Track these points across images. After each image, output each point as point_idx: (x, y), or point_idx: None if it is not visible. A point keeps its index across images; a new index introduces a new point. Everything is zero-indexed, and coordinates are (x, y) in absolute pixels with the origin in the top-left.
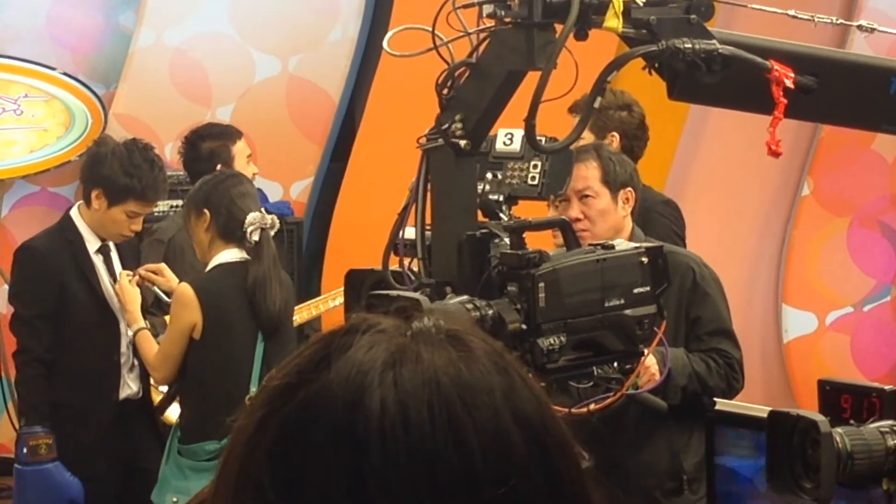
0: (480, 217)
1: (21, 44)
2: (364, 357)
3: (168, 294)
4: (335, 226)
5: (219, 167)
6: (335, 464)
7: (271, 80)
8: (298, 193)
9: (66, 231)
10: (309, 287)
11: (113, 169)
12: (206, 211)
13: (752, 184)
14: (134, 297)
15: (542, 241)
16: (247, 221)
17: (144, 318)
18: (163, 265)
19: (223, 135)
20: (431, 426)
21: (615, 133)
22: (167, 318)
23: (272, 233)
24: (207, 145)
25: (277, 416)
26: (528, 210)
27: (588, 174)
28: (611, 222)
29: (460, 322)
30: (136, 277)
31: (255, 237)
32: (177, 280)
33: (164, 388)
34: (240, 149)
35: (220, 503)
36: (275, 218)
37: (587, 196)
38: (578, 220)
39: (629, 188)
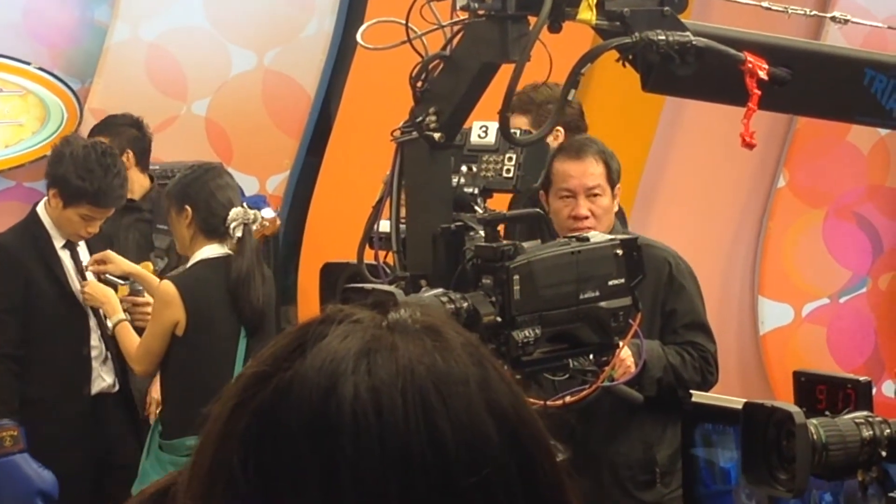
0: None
1: None
2: (339, 346)
3: (122, 278)
4: (311, 220)
5: None
6: (308, 450)
7: (247, 74)
8: (274, 187)
9: (32, 227)
10: (286, 281)
11: (68, 170)
12: (186, 207)
13: (727, 176)
14: (104, 292)
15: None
16: (229, 218)
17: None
18: (108, 252)
19: None
20: (404, 414)
21: (559, 128)
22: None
23: (254, 227)
24: None
25: (251, 403)
26: (502, 203)
27: (597, 171)
28: (611, 219)
29: (436, 314)
30: (91, 271)
31: (238, 233)
32: (125, 262)
33: None
34: None
35: (194, 490)
36: (257, 213)
37: (596, 194)
38: (586, 217)
39: (619, 183)
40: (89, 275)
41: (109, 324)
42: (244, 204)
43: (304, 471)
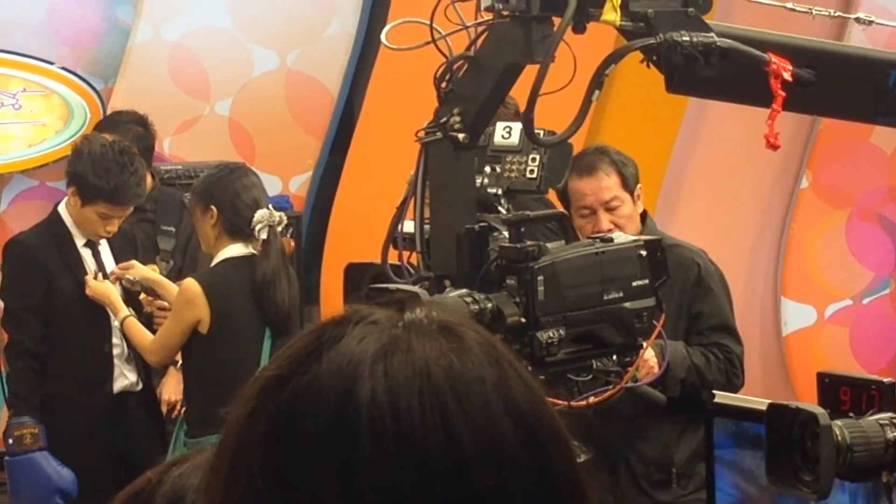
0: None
1: (20, 38)
2: (355, 348)
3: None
4: (334, 220)
5: None
6: (325, 454)
7: (270, 74)
8: (297, 187)
9: (54, 225)
10: (309, 280)
11: (85, 169)
12: (212, 207)
13: (750, 177)
14: (108, 291)
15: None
16: (255, 219)
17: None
18: (133, 262)
19: None
20: (421, 416)
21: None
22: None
23: (279, 228)
24: None
25: (268, 406)
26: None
27: (611, 183)
28: (636, 223)
29: (453, 313)
30: (112, 277)
31: (264, 235)
32: (147, 270)
33: None
34: None
35: (212, 494)
36: (282, 214)
37: (614, 206)
38: (609, 230)
39: (638, 184)
40: (90, 280)
41: (115, 322)
42: (270, 205)
43: (323, 474)
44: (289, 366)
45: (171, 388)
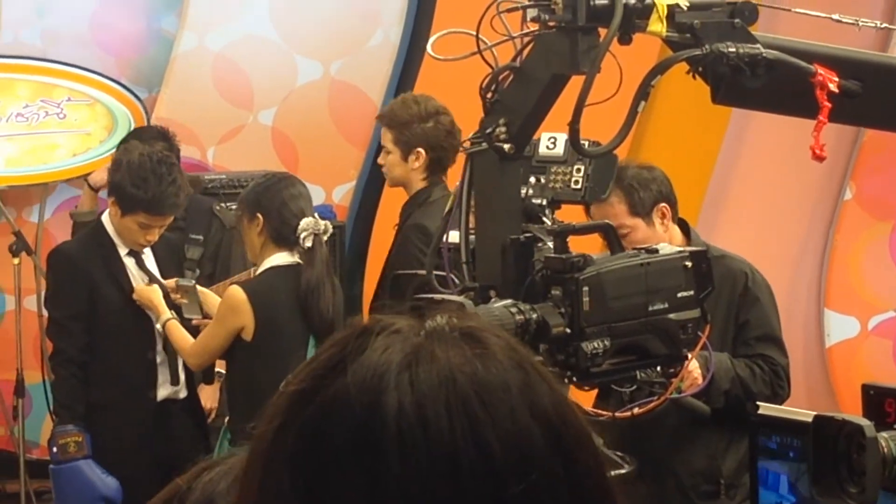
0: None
1: (64, 48)
2: (379, 359)
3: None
4: (377, 229)
5: None
6: (354, 468)
7: (313, 84)
8: (341, 197)
9: (97, 235)
10: (352, 290)
11: (124, 179)
12: (258, 215)
13: (794, 188)
14: (153, 294)
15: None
16: (300, 227)
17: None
18: (198, 287)
19: None
20: (450, 426)
21: (420, 148)
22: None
23: (325, 238)
24: None
25: (295, 422)
26: (569, 214)
27: (615, 211)
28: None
29: (474, 317)
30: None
31: (308, 243)
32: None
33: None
34: None
35: None
36: (328, 223)
37: (623, 234)
38: None
39: (661, 203)
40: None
41: (158, 325)
42: (315, 214)
43: (353, 487)
44: (313, 379)
45: (207, 395)
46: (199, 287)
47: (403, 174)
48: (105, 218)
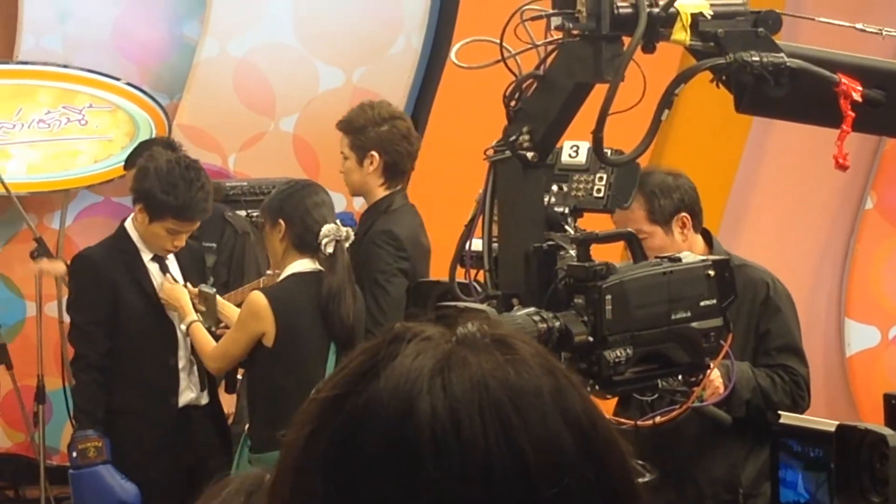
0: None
1: (86, 54)
2: (412, 365)
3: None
4: None
5: None
6: (389, 473)
7: (335, 91)
8: (362, 204)
9: (121, 241)
10: None
11: (153, 185)
12: (280, 221)
13: (814, 197)
14: (180, 294)
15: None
16: (321, 233)
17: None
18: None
19: None
20: (483, 431)
21: (374, 152)
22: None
23: (346, 244)
24: None
25: (328, 428)
26: (592, 223)
27: (635, 216)
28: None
29: (503, 325)
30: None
31: (330, 249)
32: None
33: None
34: None
35: None
36: (350, 230)
37: (641, 238)
38: None
39: (682, 213)
40: (165, 283)
41: (182, 326)
42: (337, 221)
43: (386, 493)
44: (345, 385)
45: (224, 402)
46: (222, 300)
47: (361, 180)
48: (128, 224)
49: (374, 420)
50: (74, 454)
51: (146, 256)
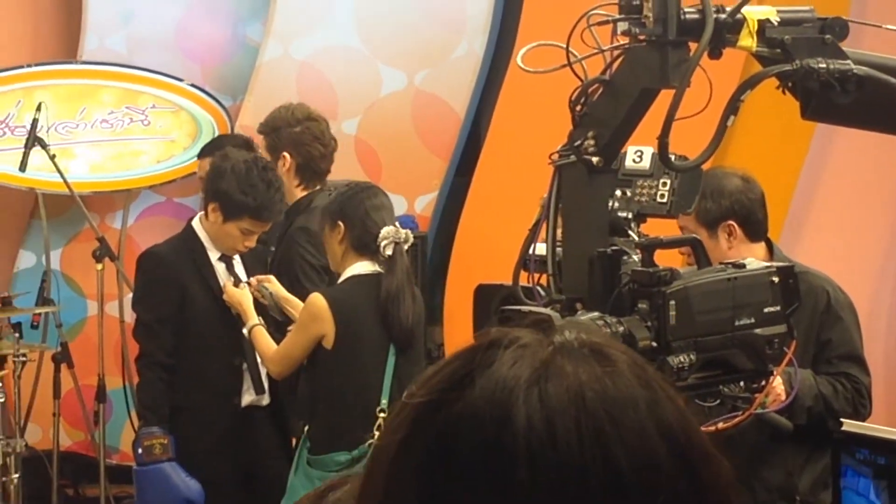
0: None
1: (150, 55)
2: (508, 373)
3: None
4: (459, 240)
5: None
6: (484, 482)
7: (397, 94)
8: (423, 207)
9: (188, 240)
10: (433, 301)
11: (230, 185)
12: (340, 223)
13: (876, 203)
14: (243, 298)
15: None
16: (381, 235)
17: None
18: (271, 276)
19: None
20: (579, 442)
21: (286, 152)
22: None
23: (406, 247)
24: None
25: (422, 434)
26: (655, 228)
27: (684, 219)
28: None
29: (599, 334)
30: (251, 288)
31: (389, 251)
32: (283, 289)
33: None
34: None
35: None
36: (409, 232)
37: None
38: None
39: (729, 220)
40: (228, 285)
41: (244, 329)
42: (397, 224)
43: (481, 500)
44: (440, 391)
45: None
46: (290, 296)
47: None
48: (196, 223)
49: (469, 428)
50: (140, 451)
51: (213, 256)
